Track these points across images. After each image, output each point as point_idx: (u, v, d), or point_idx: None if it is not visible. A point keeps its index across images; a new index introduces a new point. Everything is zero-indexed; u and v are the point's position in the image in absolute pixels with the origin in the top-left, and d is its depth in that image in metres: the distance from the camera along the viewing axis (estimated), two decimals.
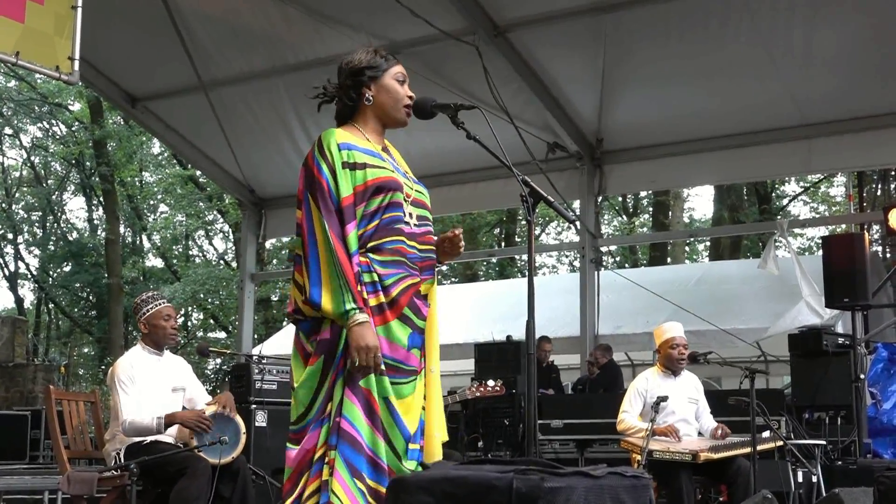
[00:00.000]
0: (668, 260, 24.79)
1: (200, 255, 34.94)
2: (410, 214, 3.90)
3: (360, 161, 3.80)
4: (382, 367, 3.72)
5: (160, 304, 6.04)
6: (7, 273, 34.40)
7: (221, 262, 32.87)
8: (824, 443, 8.14)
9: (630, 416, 7.06)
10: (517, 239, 27.69)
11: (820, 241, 11.24)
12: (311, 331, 3.81)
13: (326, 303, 3.66)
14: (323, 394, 3.75)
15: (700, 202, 31.40)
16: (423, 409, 3.95)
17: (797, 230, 25.11)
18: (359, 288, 3.70)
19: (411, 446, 3.80)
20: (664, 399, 6.79)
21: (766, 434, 7.11)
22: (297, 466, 3.77)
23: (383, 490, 3.60)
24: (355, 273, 3.70)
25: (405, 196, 3.89)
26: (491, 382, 6.41)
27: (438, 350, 4.06)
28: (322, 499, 3.64)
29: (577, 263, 15.49)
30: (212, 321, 32.59)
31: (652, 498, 2.54)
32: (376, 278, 3.77)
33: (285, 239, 26.49)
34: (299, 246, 3.80)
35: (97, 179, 29.84)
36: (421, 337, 3.90)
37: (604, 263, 12.98)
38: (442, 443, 4.03)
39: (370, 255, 3.79)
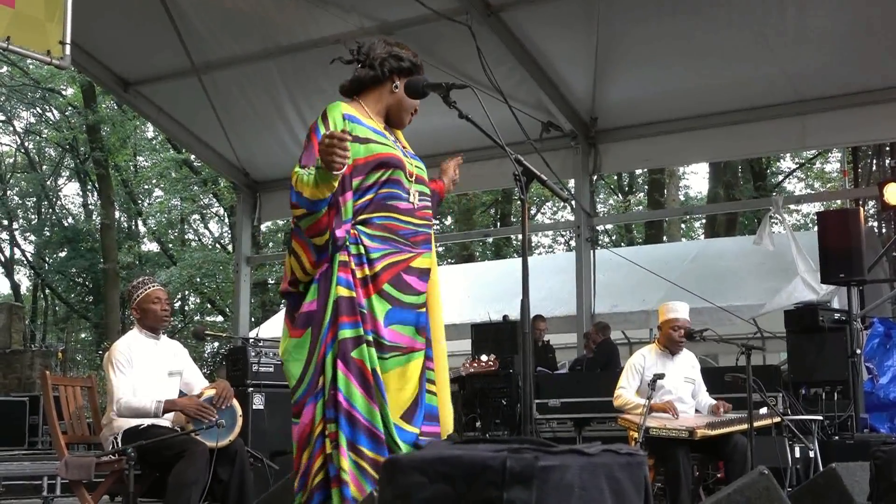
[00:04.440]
0: (664, 238, 24.77)
1: (196, 238, 34.96)
2: (413, 193, 3.94)
3: (363, 136, 3.85)
4: (370, 338, 3.74)
5: (150, 288, 6.03)
6: (3, 259, 34.39)
7: (217, 245, 32.87)
8: (821, 418, 8.17)
9: (627, 391, 7.07)
10: (513, 219, 27.69)
11: (815, 218, 11.23)
12: (296, 304, 3.82)
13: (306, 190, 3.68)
14: (313, 367, 3.76)
15: (695, 180, 31.50)
16: (433, 393, 3.93)
17: (792, 206, 25.15)
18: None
19: (406, 427, 3.79)
20: (660, 377, 6.80)
21: (763, 410, 7.13)
22: (299, 442, 3.80)
23: (382, 460, 3.62)
24: (339, 238, 3.75)
25: (408, 174, 3.92)
26: (484, 357, 6.38)
27: (442, 322, 4.08)
28: (331, 471, 3.67)
29: (572, 242, 15.51)
30: (208, 305, 32.61)
31: (647, 475, 2.54)
32: (363, 251, 3.79)
33: (280, 222, 26.50)
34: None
35: (91, 164, 29.81)
36: (409, 313, 3.88)
37: (599, 242, 12.98)
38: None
39: (359, 227, 3.81)
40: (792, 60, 10.46)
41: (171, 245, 33.18)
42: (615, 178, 29.39)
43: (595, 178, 12.72)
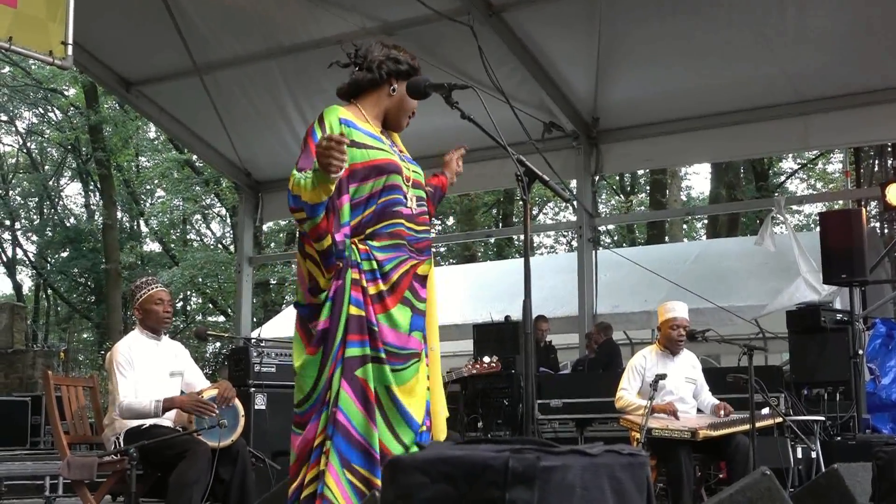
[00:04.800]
0: (666, 238, 24.74)
1: (198, 239, 34.94)
2: (412, 198, 3.93)
3: (360, 140, 3.82)
4: (381, 355, 3.73)
5: (153, 289, 6.03)
6: (5, 259, 34.41)
7: (219, 245, 32.86)
8: (823, 419, 8.16)
9: (628, 393, 7.06)
10: (515, 219, 27.67)
11: (817, 218, 11.22)
12: (309, 317, 3.82)
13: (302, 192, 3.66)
14: (323, 382, 3.76)
15: (697, 180, 31.42)
16: (428, 389, 3.95)
17: (794, 207, 25.12)
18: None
19: (423, 429, 3.81)
20: (662, 377, 6.79)
21: (765, 411, 7.12)
22: (299, 454, 3.80)
23: (375, 479, 3.63)
24: (339, 242, 3.73)
25: (405, 179, 3.90)
26: (487, 359, 6.39)
27: (438, 329, 4.07)
28: (319, 488, 3.68)
29: (574, 243, 15.50)
30: (210, 305, 32.61)
31: (649, 475, 2.54)
32: (375, 266, 3.78)
33: (283, 222, 26.52)
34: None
35: (93, 165, 29.80)
36: (422, 319, 3.91)
37: (601, 242, 12.97)
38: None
39: (369, 242, 3.80)
40: (793, 61, 10.46)
41: (172, 245, 33.17)
42: (617, 178, 29.37)
43: (597, 178, 12.71)
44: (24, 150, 33.84)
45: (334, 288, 3.77)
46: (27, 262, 35.15)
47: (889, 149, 16.80)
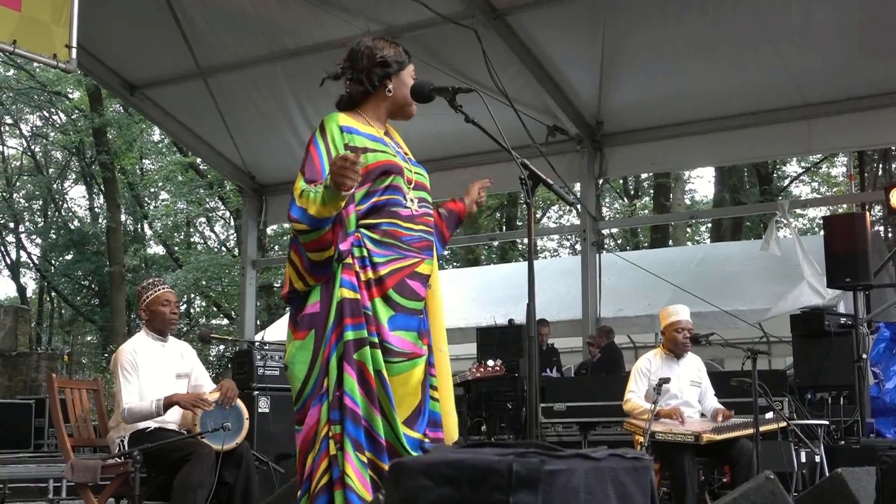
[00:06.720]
0: (670, 242, 24.75)
1: (202, 242, 34.97)
2: (412, 199, 3.92)
3: (361, 146, 3.82)
4: (375, 340, 3.73)
5: (159, 290, 6.03)
6: (9, 262, 34.45)
7: (223, 248, 32.88)
8: (827, 423, 8.16)
9: (637, 395, 7.03)
10: (518, 223, 27.69)
11: (821, 222, 11.22)
12: (299, 308, 3.81)
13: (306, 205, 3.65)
14: (318, 369, 3.74)
15: (701, 184, 31.37)
16: (435, 399, 3.92)
17: (798, 211, 25.16)
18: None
19: (408, 432, 3.78)
20: (666, 381, 6.76)
21: (768, 415, 7.11)
22: (303, 446, 3.78)
23: (381, 464, 3.64)
24: (343, 252, 3.73)
25: (406, 180, 3.90)
26: (490, 362, 6.39)
27: (444, 330, 4.06)
28: (334, 474, 3.66)
29: (578, 246, 15.49)
30: (214, 308, 32.62)
31: (653, 479, 2.54)
32: (365, 253, 3.77)
33: (286, 225, 26.43)
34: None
35: (97, 167, 29.82)
36: (412, 319, 3.86)
37: (605, 246, 12.97)
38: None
39: (363, 230, 3.80)
40: (798, 64, 10.46)
41: (176, 248, 33.21)
42: (621, 182, 29.38)
43: (601, 181, 12.72)
44: (29, 153, 33.88)
45: None
46: (31, 265, 35.20)
47: (893, 152, 16.80)
